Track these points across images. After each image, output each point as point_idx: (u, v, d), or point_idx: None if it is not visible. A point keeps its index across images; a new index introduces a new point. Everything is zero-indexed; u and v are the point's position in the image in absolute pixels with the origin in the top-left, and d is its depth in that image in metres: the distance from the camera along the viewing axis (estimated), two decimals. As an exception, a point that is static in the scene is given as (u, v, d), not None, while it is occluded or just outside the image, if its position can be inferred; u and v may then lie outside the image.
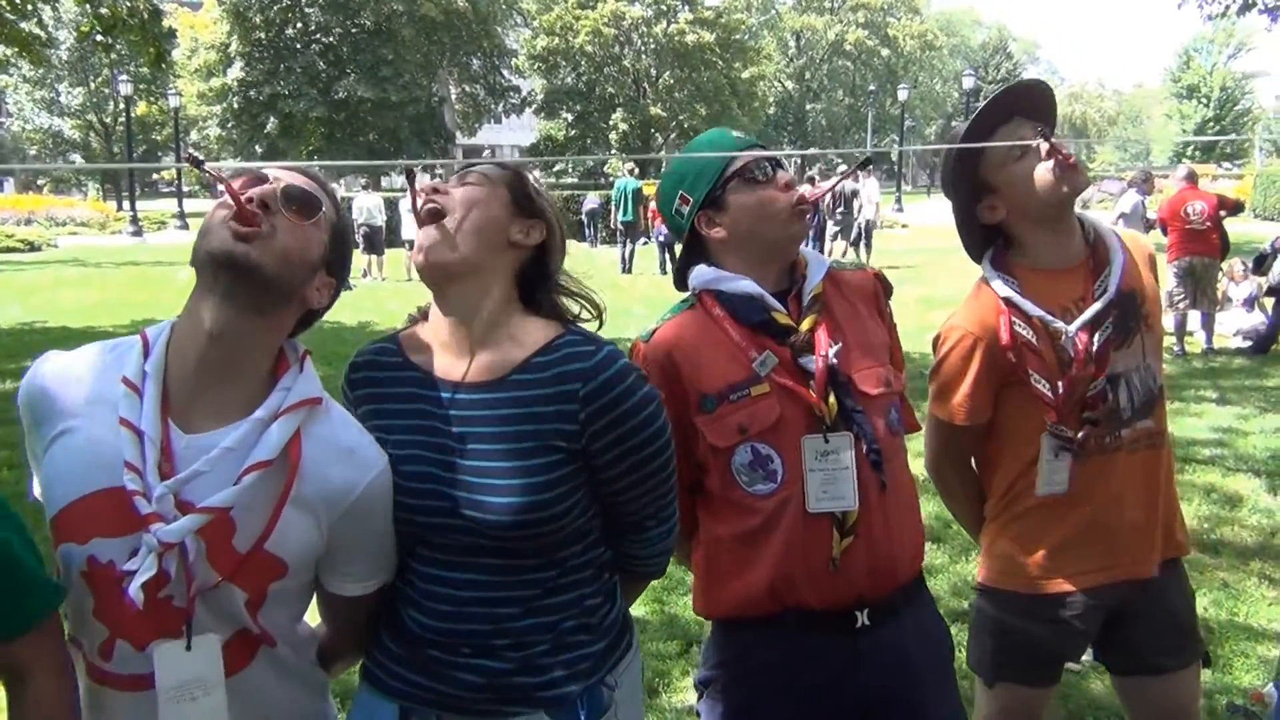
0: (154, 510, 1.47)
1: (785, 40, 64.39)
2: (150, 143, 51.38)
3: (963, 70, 44.73)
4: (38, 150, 51.07)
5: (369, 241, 18.95)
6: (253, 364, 1.59)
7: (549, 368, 1.69)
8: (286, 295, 1.59)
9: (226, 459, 1.51)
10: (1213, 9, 21.45)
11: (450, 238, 1.71)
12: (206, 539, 1.51)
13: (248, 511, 1.53)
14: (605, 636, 1.79)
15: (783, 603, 1.98)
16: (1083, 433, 2.20)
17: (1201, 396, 8.67)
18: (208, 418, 1.55)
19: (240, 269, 1.51)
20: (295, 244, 1.57)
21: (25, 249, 25.93)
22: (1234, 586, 4.70)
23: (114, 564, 1.50)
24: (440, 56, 44.38)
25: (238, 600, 1.56)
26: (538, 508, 1.65)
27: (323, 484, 1.59)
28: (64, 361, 1.63)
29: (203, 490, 1.50)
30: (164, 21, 14.69)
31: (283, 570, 1.58)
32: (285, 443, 1.55)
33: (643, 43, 47.43)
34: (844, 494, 1.94)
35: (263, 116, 41.57)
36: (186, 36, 42.36)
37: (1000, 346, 2.24)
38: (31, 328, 12.66)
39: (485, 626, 1.69)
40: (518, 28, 49.35)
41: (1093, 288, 2.23)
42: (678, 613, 4.38)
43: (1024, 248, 2.30)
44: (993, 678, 2.40)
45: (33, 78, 45.45)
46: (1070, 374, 2.19)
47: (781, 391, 1.97)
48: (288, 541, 1.57)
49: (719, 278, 2.05)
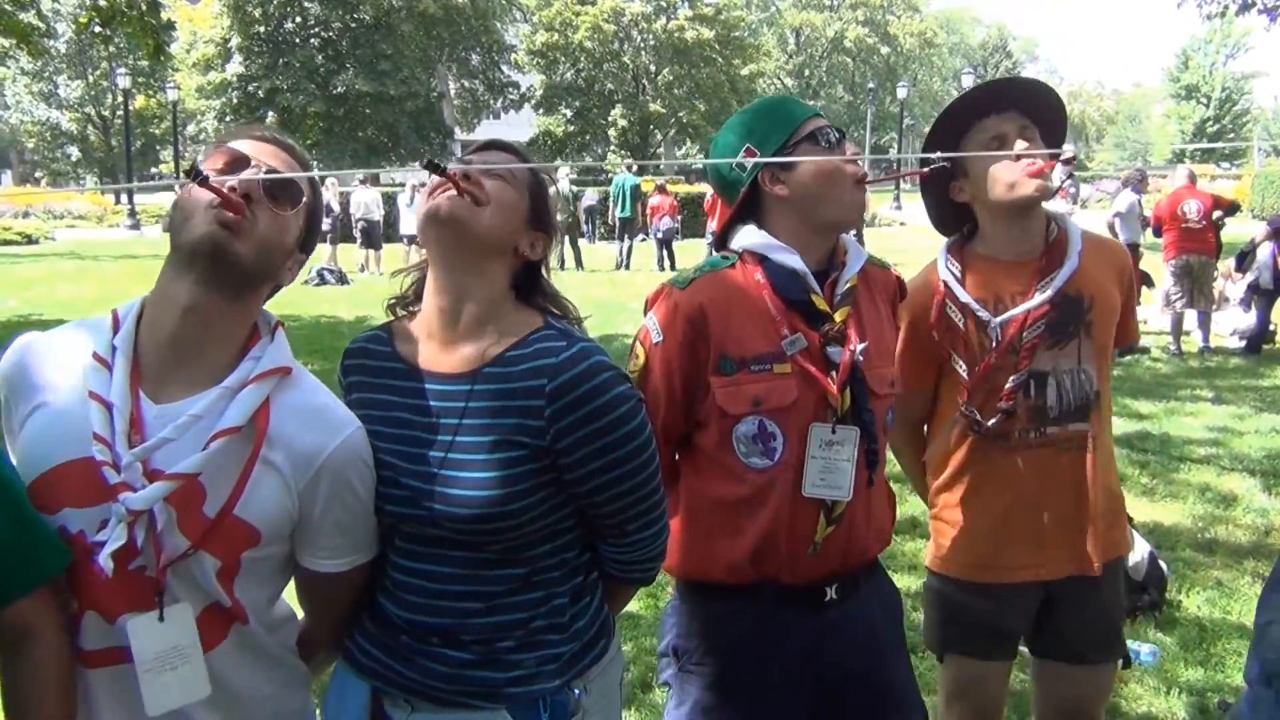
0: (122, 479, 1.48)
1: (785, 37, 64.34)
2: (148, 136, 51.27)
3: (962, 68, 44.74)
4: (35, 143, 50.97)
5: (366, 236, 18.95)
6: (224, 338, 1.60)
7: (520, 361, 1.68)
8: (263, 280, 1.62)
9: (195, 426, 1.52)
10: (1211, 9, 21.48)
11: (477, 214, 1.68)
12: (176, 506, 1.51)
13: (217, 477, 1.53)
14: (577, 639, 1.77)
15: (761, 573, 2.02)
16: (994, 420, 2.28)
17: (1198, 396, 8.68)
18: (178, 388, 1.56)
19: (222, 259, 1.52)
20: (274, 233, 1.59)
21: (23, 241, 25.89)
22: (1228, 585, 4.72)
23: (84, 534, 1.51)
24: (439, 51, 44.31)
25: (209, 569, 1.55)
26: (495, 503, 1.64)
27: (291, 448, 1.59)
28: (40, 341, 1.64)
29: (171, 459, 1.50)
30: (162, 14, 14.68)
31: (255, 537, 1.57)
32: (253, 410, 1.55)
33: (642, 39, 47.39)
34: (840, 484, 1.98)
35: (261, 110, 41.47)
36: (185, 30, 42.26)
37: (927, 324, 2.34)
38: (28, 320, 12.68)
39: (451, 620, 1.70)
40: (517, 23, 49.28)
41: (1035, 286, 2.29)
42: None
43: (983, 234, 2.38)
44: (941, 650, 2.50)
45: (31, 70, 45.36)
46: (987, 360, 2.27)
47: (802, 375, 1.98)
48: (258, 507, 1.56)
49: (769, 245, 2.04)
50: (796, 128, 2.05)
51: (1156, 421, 7.74)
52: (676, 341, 2.01)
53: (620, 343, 11.35)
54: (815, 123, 2.06)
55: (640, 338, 2.09)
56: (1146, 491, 6.11)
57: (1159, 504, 5.91)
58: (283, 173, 1.61)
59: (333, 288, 16.85)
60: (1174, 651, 4.09)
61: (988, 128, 2.29)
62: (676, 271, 2.18)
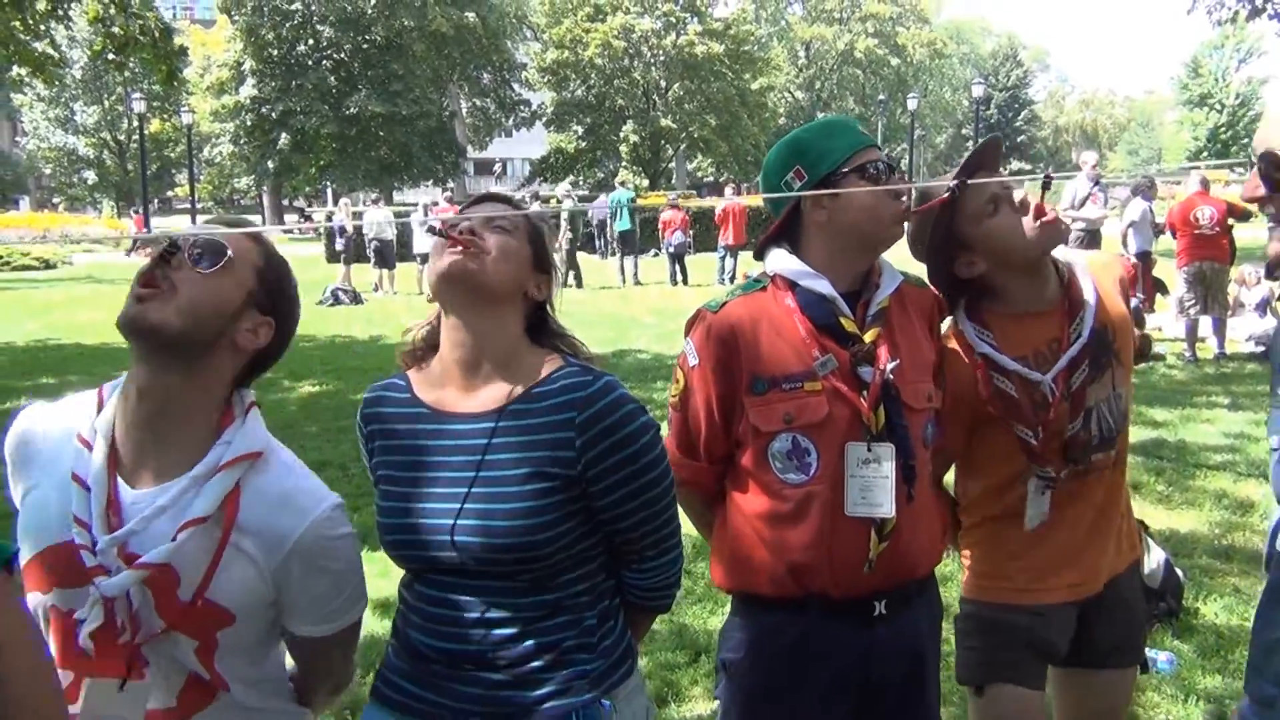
0: (98, 563, 1.52)
1: (795, 50, 64.44)
2: (164, 159, 51.71)
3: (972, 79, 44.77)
4: (53, 169, 51.43)
5: (380, 255, 19.04)
6: (190, 420, 1.59)
7: (546, 398, 1.74)
8: (203, 348, 1.58)
9: (165, 515, 1.54)
10: (1221, 14, 21.45)
11: (485, 265, 1.75)
12: (153, 590, 1.54)
13: (188, 564, 1.55)
14: (605, 657, 1.81)
15: (805, 588, 2.05)
16: (1065, 471, 2.26)
17: (1213, 402, 8.64)
18: (153, 474, 1.58)
19: (142, 331, 1.53)
20: (202, 295, 1.56)
21: (40, 267, 26.12)
22: (1245, 592, 4.69)
23: (73, 612, 1.55)
24: (450, 71, 44.62)
25: (186, 648, 1.59)
26: (528, 531, 1.69)
27: (261, 533, 1.59)
28: (42, 415, 1.67)
29: (146, 544, 1.54)
30: (176, 39, 14.82)
31: (229, 618, 1.59)
32: (221, 498, 1.56)
33: (652, 55, 47.54)
34: (881, 501, 2.01)
35: (275, 133, 41.82)
36: (199, 54, 42.70)
37: (978, 400, 2.27)
38: (46, 345, 12.76)
39: (484, 647, 1.73)
40: (527, 41, 49.58)
41: (1069, 330, 2.26)
42: (687, 622, 4.39)
43: (1001, 294, 2.31)
44: (984, 680, 2.40)
45: (48, 96, 45.81)
46: (1048, 418, 2.23)
47: (833, 393, 2.01)
48: (230, 591, 1.58)
49: (798, 271, 2.08)
50: (849, 157, 2.07)
51: (1172, 429, 7.71)
52: (710, 363, 2.07)
53: (633, 358, 11.38)
54: (868, 155, 2.08)
55: (680, 362, 2.16)
56: (1163, 499, 6.08)
57: (1175, 511, 5.89)
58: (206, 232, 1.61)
59: (347, 308, 16.96)
60: (1191, 659, 4.07)
61: (981, 193, 2.23)
62: (689, 285, 2.21)
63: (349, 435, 7.95)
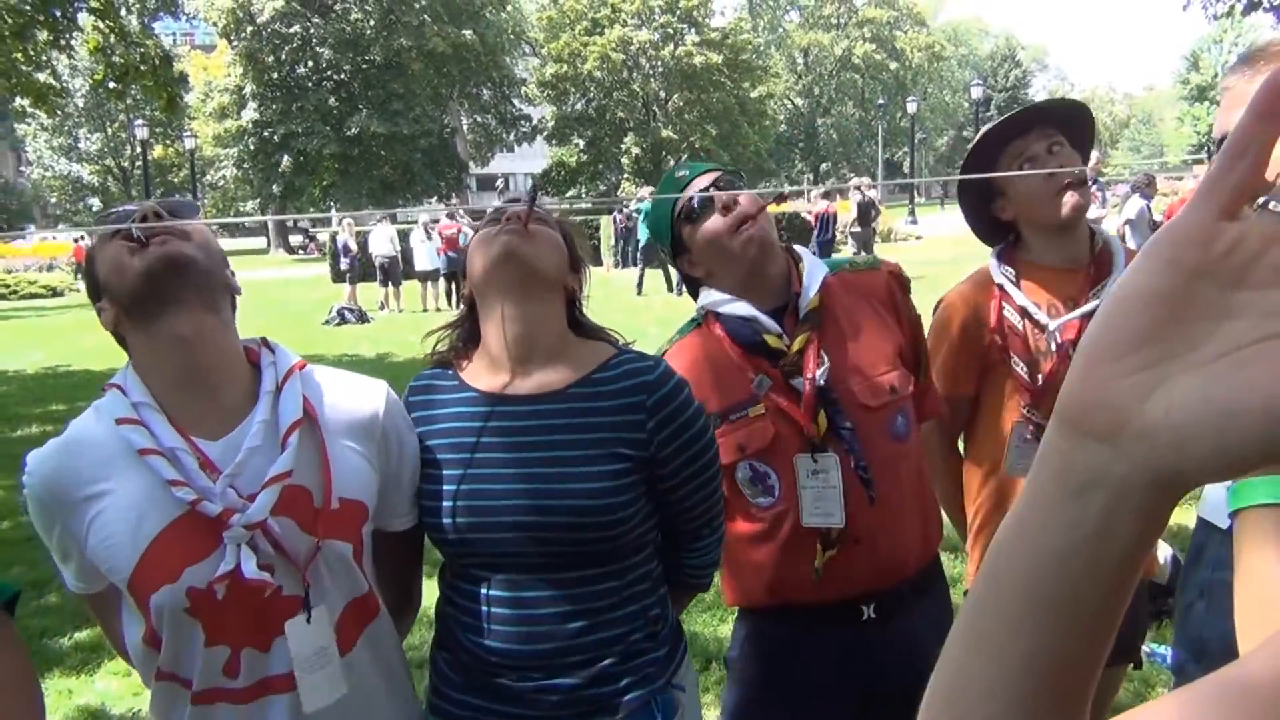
0: (224, 506, 1.51)
1: (793, 57, 64.58)
2: (167, 184, 51.96)
3: (971, 80, 44.85)
4: (58, 197, 51.71)
5: (385, 273, 19.08)
6: (232, 358, 1.63)
7: (611, 382, 1.76)
8: (222, 286, 1.63)
9: (259, 443, 1.56)
10: (1218, 9, 21.46)
11: (539, 250, 1.76)
12: (291, 511, 1.56)
13: (308, 473, 1.59)
14: (665, 644, 1.83)
15: (782, 599, 2.09)
16: None
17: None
18: (221, 422, 1.58)
19: (181, 265, 1.53)
20: (203, 234, 1.62)
21: (47, 295, 26.25)
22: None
23: (211, 581, 1.51)
24: (450, 88, 44.78)
25: (346, 555, 1.62)
26: (610, 510, 1.70)
27: (349, 423, 1.67)
28: (54, 454, 1.60)
29: (254, 475, 1.54)
30: (176, 66, 14.91)
31: (364, 510, 1.66)
32: (301, 402, 1.62)
33: (651, 66, 47.69)
34: (832, 511, 2.00)
35: (277, 155, 42.00)
36: (200, 79, 42.88)
37: (987, 327, 2.34)
38: (55, 372, 12.82)
39: (554, 645, 1.72)
40: (526, 56, 49.76)
41: (1089, 292, 2.30)
42: (697, 630, 4.40)
43: (1029, 245, 2.39)
44: None
45: (51, 125, 46.09)
46: (1052, 364, 2.27)
47: (776, 412, 2.02)
48: (353, 483, 1.64)
49: (716, 300, 2.11)
50: (671, 214, 2.13)
51: (1179, 424, 7.69)
52: None
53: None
54: (680, 203, 2.11)
55: None
56: (1170, 495, 6.07)
57: (1181, 507, 5.82)
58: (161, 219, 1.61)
59: (353, 327, 16.98)
60: (1202, 654, 4.06)
61: (1016, 149, 2.32)
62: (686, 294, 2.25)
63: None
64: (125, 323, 1.59)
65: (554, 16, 47.74)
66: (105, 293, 1.58)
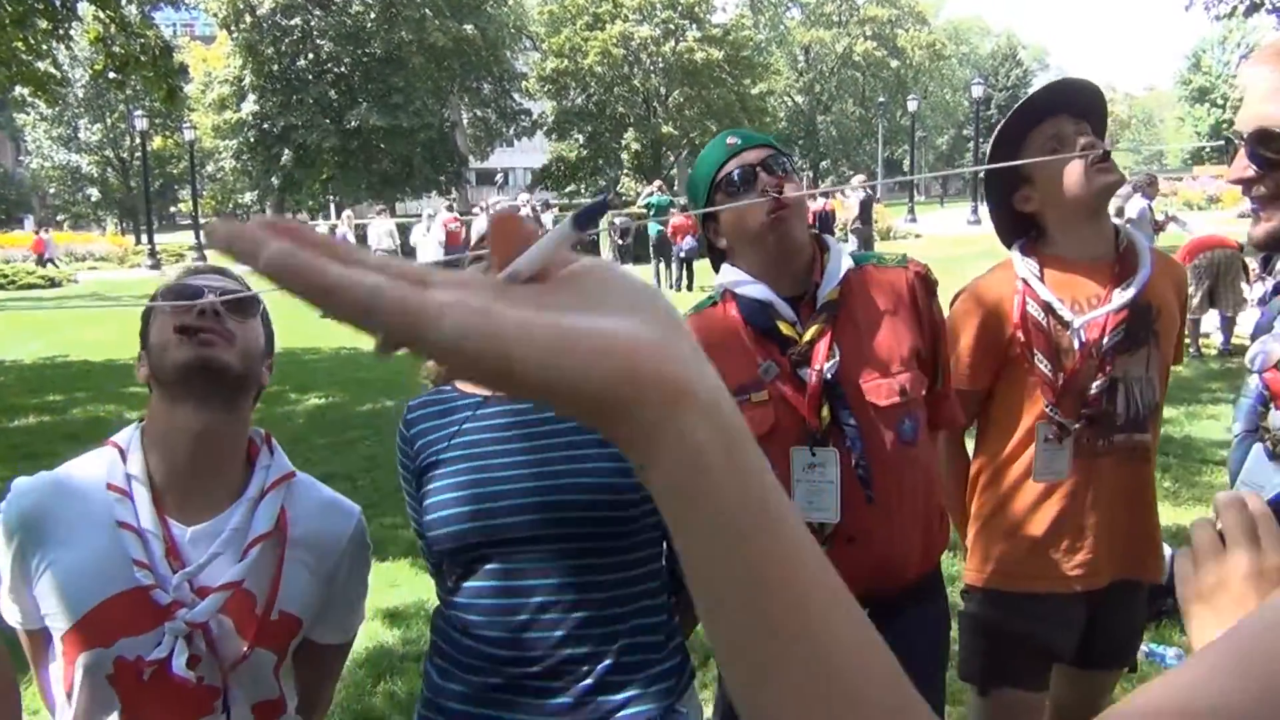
0: (174, 599, 1.58)
1: (794, 54, 64.48)
2: (166, 176, 51.85)
3: (972, 79, 44.77)
4: (57, 187, 51.57)
5: (384, 268, 18.99)
6: (234, 455, 1.72)
7: None
8: (251, 387, 1.72)
9: (228, 544, 1.64)
10: (1220, 10, 21.45)
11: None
12: (230, 614, 1.62)
13: (259, 581, 1.66)
14: (673, 658, 1.80)
15: None
16: (1078, 424, 2.23)
17: (1218, 398, 8.62)
18: (202, 510, 1.67)
19: (214, 371, 1.61)
20: (249, 338, 1.69)
21: (46, 285, 26.17)
22: (1253, 587, 4.69)
23: (141, 658, 1.58)
24: (450, 82, 44.67)
25: (267, 665, 1.67)
26: (620, 489, 1.69)
27: (313, 542, 1.74)
28: (49, 488, 1.67)
29: (214, 574, 1.62)
30: (176, 57, 14.87)
31: (298, 626, 1.72)
32: (276, 515, 1.69)
33: (651, 62, 47.58)
34: (827, 506, 1.97)
35: (277, 148, 41.91)
36: (200, 70, 42.80)
37: (1009, 322, 2.28)
38: (53, 363, 12.82)
39: (556, 634, 1.70)
40: (526, 51, 49.65)
41: (1113, 290, 2.26)
42: (699, 633, 4.39)
43: (1053, 238, 2.33)
44: (986, 683, 2.41)
45: (50, 115, 45.94)
46: (1074, 362, 2.23)
47: (780, 400, 1.99)
48: (296, 599, 1.70)
49: (737, 280, 2.08)
50: (711, 181, 2.08)
51: (1178, 425, 7.71)
52: None
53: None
54: (724, 170, 2.07)
55: None
56: (1169, 495, 6.07)
57: (1182, 507, 5.88)
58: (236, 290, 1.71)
59: (352, 320, 16.91)
60: (1199, 655, 4.06)
61: (1045, 131, 2.26)
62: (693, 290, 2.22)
63: (356, 448, 7.97)
64: (154, 386, 1.69)
65: (555, 11, 47.63)
66: (147, 355, 1.68)
